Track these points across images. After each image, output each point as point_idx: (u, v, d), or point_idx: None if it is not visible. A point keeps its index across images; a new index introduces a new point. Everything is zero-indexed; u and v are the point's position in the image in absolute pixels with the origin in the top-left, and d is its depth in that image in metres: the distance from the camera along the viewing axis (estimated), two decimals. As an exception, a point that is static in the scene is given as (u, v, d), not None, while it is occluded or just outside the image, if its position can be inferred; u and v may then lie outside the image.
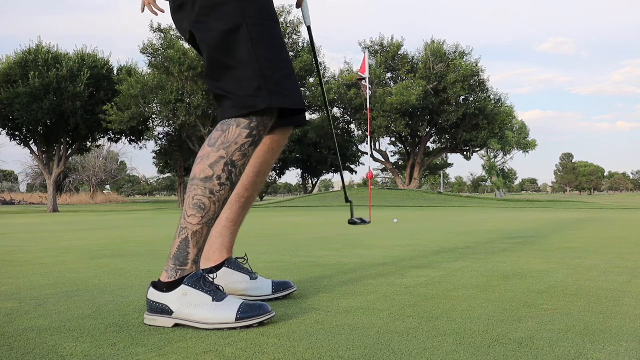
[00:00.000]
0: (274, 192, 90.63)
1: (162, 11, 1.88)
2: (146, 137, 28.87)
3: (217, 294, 1.59)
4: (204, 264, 1.87)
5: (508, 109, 34.01)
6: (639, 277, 2.36)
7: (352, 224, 2.32)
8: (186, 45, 24.63)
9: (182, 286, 1.60)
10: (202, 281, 1.62)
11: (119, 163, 60.43)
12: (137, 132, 26.98)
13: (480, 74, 30.40)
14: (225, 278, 1.87)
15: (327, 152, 44.26)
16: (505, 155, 68.47)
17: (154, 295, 1.61)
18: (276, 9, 2.16)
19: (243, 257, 1.98)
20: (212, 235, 1.87)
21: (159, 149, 36.03)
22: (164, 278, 1.65)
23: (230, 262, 1.90)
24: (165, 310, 1.58)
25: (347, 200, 2.35)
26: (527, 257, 3.07)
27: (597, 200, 37.71)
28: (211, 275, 1.74)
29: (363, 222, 2.28)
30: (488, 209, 15.78)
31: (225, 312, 1.54)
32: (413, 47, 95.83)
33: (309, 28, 2.12)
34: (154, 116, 25.99)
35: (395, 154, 40.45)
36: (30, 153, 26.36)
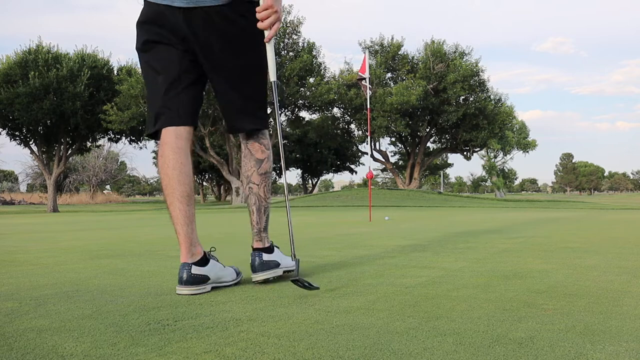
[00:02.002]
0: (274, 192, 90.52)
1: None
2: (146, 137, 28.83)
3: None
4: (192, 258, 2.10)
5: (508, 109, 34.00)
6: (639, 277, 2.36)
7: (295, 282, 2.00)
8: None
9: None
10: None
11: (119, 163, 60.44)
12: (137, 132, 26.97)
13: (480, 74, 30.41)
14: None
15: (327, 152, 44.29)
16: (505, 155, 68.51)
17: (267, 256, 2.23)
18: None
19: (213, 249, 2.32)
20: (193, 233, 2.16)
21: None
22: (266, 244, 2.27)
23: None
24: (276, 264, 2.25)
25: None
26: (527, 257, 3.07)
27: (597, 200, 37.71)
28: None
29: (310, 286, 1.98)
30: (488, 209, 15.78)
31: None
32: (413, 47, 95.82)
33: (273, 83, 2.23)
34: (154, 116, 25.95)
35: (395, 154, 40.48)
36: (30, 153, 26.37)
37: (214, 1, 2.03)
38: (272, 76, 2.22)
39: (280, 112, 26.63)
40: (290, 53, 25.72)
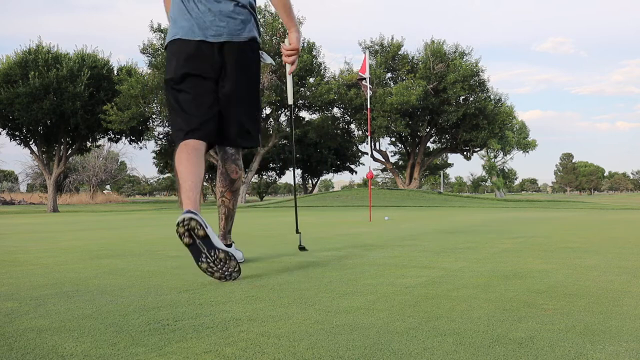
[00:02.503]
0: (274, 192, 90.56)
1: None
2: (146, 137, 28.87)
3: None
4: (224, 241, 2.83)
5: (508, 109, 33.98)
6: (639, 277, 2.36)
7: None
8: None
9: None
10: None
11: (119, 163, 60.45)
12: (137, 132, 26.98)
13: (480, 74, 30.38)
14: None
15: (327, 152, 44.28)
16: (505, 155, 68.52)
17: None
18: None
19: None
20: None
21: (159, 149, 36.02)
22: (228, 242, 2.87)
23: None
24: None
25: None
26: (527, 257, 3.07)
27: (597, 200, 37.71)
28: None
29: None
30: (488, 209, 15.78)
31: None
32: (413, 47, 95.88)
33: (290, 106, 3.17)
34: (154, 116, 25.99)
35: (395, 154, 40.47)
36: (30, 153, 26.37)
37: (238, 38, 2.56)
38: (290, 100, 3.14)
39: (280, 114, 26.53)
40: (290, 53, 25.64)
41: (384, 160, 34.64)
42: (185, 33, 2.51)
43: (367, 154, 32.30)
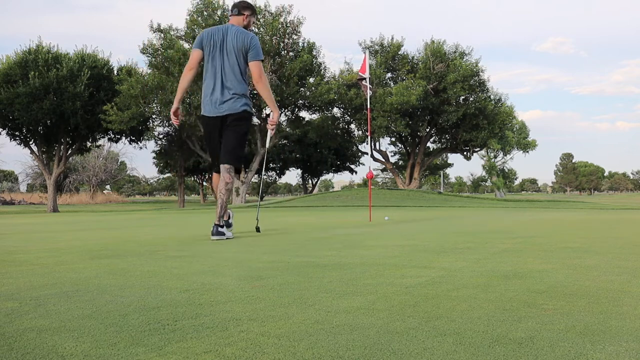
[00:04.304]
0: (274, 192, 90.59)
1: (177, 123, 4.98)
2: (146, 137, 28.90)
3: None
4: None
5: (508, 109, 33.99)
6: (639, 277, 2.36)
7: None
8: (186, 45, 24.63)
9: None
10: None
11: (119, 163, 60.47)
12: (137, 132, 27.00)
13: (480, 74, 30.39)
14: None
15: (327, 152, 44.29)
16: (505, 155, 68.55)
17: (220, 229, 4.46)
18: (276, 9, 3.17)
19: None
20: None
21: (159, 149, 36.04)
22: (221, 222, 4.51)
23: None
24: (223, 233, 4.46)
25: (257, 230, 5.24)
26: (527, 257, 3.07)
27: (597, 200, 37.70)
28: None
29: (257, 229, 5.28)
30: (488, 209, 15.78)
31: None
32: (413, 47, 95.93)
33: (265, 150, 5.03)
34: (154, 116, 26.00)
35: (395, 154, 40.46)
36: (30, 153, 26.38)
37: (232, 112, 4.58)
38: (267, 145, 5.42)
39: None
40: (290, 53, 25.70)
41: (384, 160, 34.64)
42: (207, 112, 4.67)
43: (367, 154, 32.31)
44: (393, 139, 36.02)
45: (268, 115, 6.26)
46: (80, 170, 53.80)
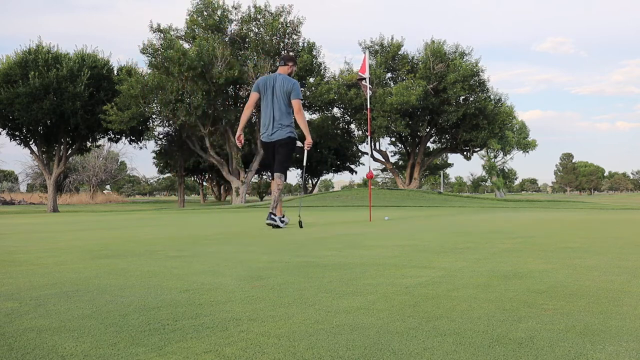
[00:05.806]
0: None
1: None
2: (146, 137, 28.87)
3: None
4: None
5: (508, 109, 33.97)
6: (639, 277, 2.36)
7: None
8: (186, 45, 24.63)
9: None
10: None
11: (119, 163, 60.46)
12: (137, 132, 26.98)
13: (480, 74, 30.36)
14: None
15: (327, 152, 44.25)
16: (505, 155, 68.53)
17: (273, 216, 6.09)
18: (276, 9, 3.26)
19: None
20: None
21: (159, 149, 36.00)
22: (274, 211, 6.11)
23: None
24: (275, 220, 6.09)
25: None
26: (527, 257, 3.07)
27: (597, 200, 37.69)
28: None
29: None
30: (488, 209, 15.77)
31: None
32: (413, 47, 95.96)
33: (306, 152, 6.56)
34: (154, 116, 25.99)
35: (395, 154, 40.44)
36: (30, 153, 26.37)
37: (279, 138, 6.12)
38: (305, 161, 6.65)
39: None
40: (290, 53, 25.70)
41: (384, 160, 34.63)
42: (264, 139, 6.23)
43: (367, 154, 32.27)
44: (393, 139, 36.02)
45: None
46: (80, 170, 53.79)
